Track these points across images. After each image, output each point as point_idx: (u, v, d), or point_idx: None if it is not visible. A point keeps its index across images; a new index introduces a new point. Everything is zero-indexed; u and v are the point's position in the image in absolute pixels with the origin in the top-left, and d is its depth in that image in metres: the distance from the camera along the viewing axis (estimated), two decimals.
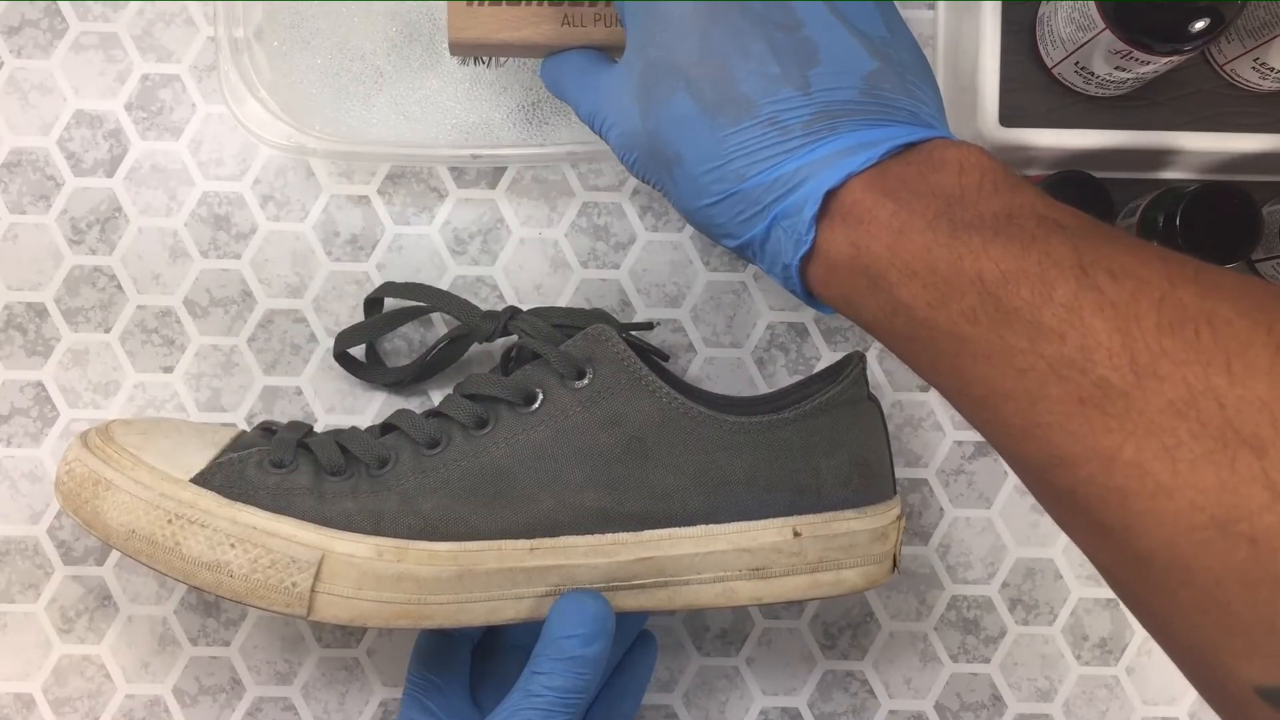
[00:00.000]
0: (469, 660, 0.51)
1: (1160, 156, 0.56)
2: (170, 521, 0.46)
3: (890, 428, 0.57)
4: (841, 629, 0.57)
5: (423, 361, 0.55)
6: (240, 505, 0.46)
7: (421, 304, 0.55)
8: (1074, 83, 0.54)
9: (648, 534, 0.48)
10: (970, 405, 0.33)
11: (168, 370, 0.57)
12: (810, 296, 0.39)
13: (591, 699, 0.48)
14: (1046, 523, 0.58)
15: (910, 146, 0.36)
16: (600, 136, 0.42)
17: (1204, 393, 0.27)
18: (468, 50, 0.43)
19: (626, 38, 0.40)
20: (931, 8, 0.59)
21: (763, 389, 0.58)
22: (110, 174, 0.58)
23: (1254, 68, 0.53)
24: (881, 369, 0.58)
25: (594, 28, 0.43)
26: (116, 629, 0.56)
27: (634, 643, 0.52)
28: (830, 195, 0.35)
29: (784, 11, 0.36)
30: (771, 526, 0.48)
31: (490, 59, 0.47)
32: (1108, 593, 0.58)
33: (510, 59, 0.45)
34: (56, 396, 0.57)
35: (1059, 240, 0.31)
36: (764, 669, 0.57)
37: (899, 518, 0.51)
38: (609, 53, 0.44)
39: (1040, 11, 0.54)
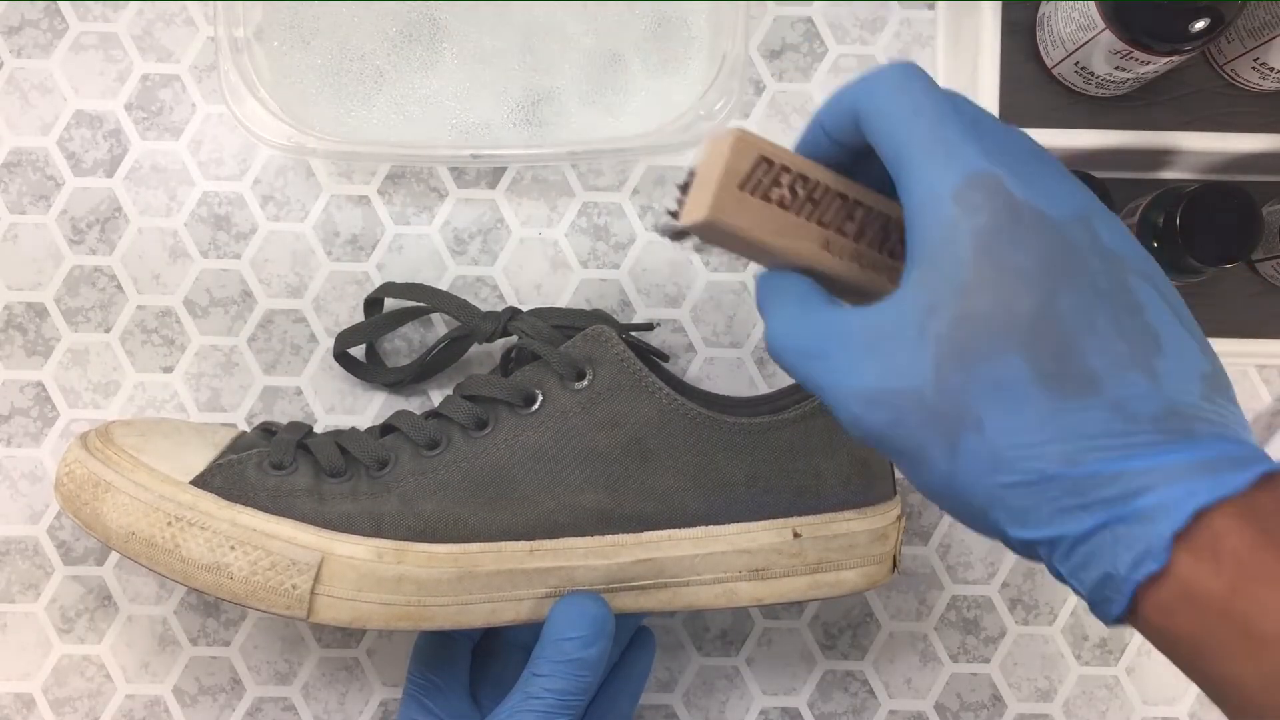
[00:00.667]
0: (469, 661, 0.51)
1: (1160, 156, 0.56)
2: (170, 523, 0.46)
3: None
4: (841, 629, 0.57)
5: (423, 362, 0.55)
6: (240, 507, 0.46)
7: (421, 304, 0.55)
8: (1074, 83, 0.54)
9: (647, 535, 0.48)
10: None
11: (168, 370, 0.57)
12: (1121, 618, 0.33)
13: (591, 698, 0.48)
14: None
15: (1272, 476, 0.32)
16: (808, 380, 0.36)
17: None
18: (713, 233, 0.38)
19: (923, 278, 0.34)
20: (931, 8, 0.59)
21: (763, 389, 0.58)
22: (110, 174, 0.58)
23: (1254, 68, 0.53)
24: None
25: (848, 263, 0.39)
26: (116, 629, 0.56)
27: (632, 640, 0.52)
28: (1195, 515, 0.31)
29: (1124, 291, 0.33)
30: (771, 527, 0.48)
31: (716, 247, 0.43)
32: None
33: (734, 253, 0.42)
34: (56, 396, 0.57)
35: None
36: (764, 669, 0.57)
37: (899, 518, 0.51)
38: (838, 290, 0.39)
39: (1040, 11, 0.54)
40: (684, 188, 0.39)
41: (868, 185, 0.38)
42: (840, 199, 0.38)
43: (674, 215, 0.39)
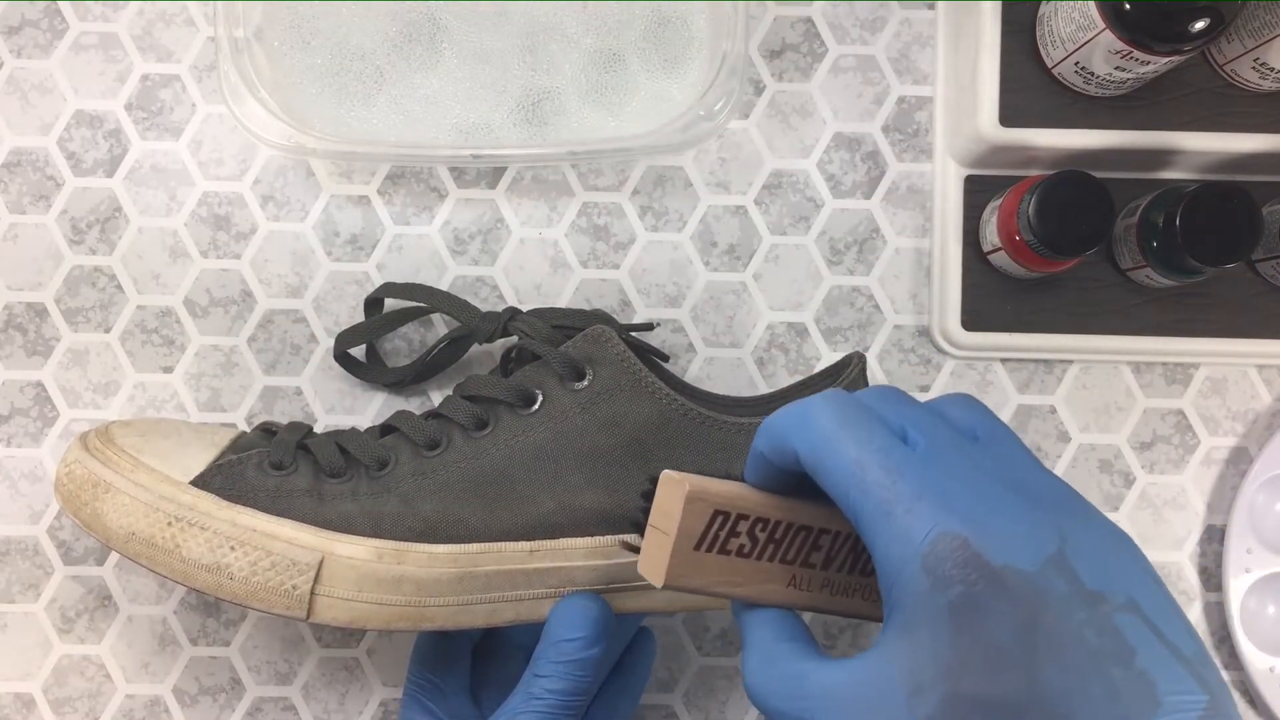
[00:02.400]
0: (469, 661, 0.51)
1: (1160, 156, 0.56)
2: (170, 524, 0.46)
3: None
4: (841, 627, 0.57)
5: (423, 362, 0.55)
6: (240, 507, 0.46)
7: (421, 304, 0.55)
8: (1074, 83, 0.54)
9: None
10: None
11: (168, 370, 0.57)
12: None
13: (591, 699, 0.48)
14: None
15: None
16: None
17: None
18: (678, 589, 0.38)
19: (905, 648, 0.33)
20: (931, 8, 0.59)
21: (763, 389, 0.58)
22: (110, 174, 0.58)
23: (1254, 68, 0.53)
24: (881, 369, 0.58)
25: (817, 594, 0.38)
26: (116, 629, 0.56)
27: (633, 641, 0.52)
28: None
29: (1115, 640, 0.32)
30: None
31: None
32: None
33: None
34: (56, 396, 0.57)
35: None
36: None
37: None
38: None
39: (1040, 11, 0.54)
40: (638, 526, 0.38)
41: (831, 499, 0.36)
42: (804, 532, 0.37)
43: (633, 549, 0.39)
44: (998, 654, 0.32)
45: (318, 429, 0.56)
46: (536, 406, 0.48)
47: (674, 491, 0.36)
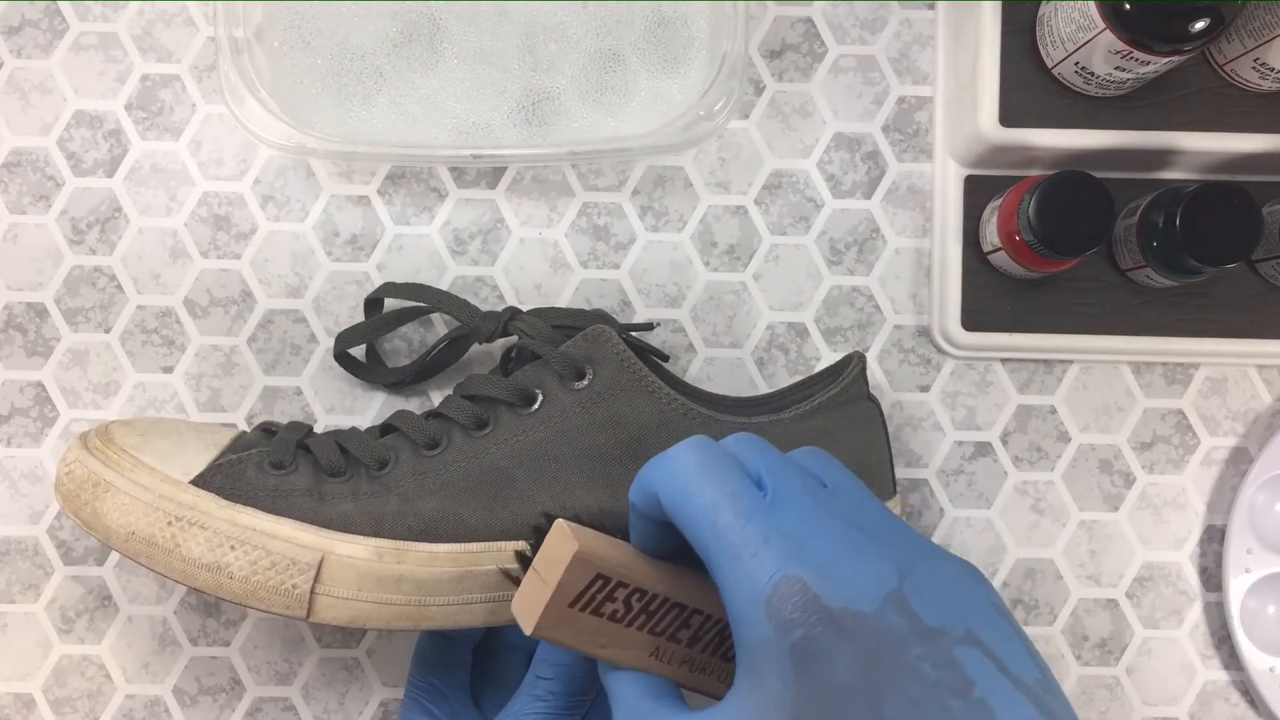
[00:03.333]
0: (469, 663, 0.51)
1: (1160, 156, 0.56)
2: (170, 523, 0.46)
3: (890, 428, 0.57)
4: None
5: (423, 362, 0.55)
6: (240, 507, 0.46)
7: (421, 304, 0.55)
8: (1074, 83, 0.54)
9: None
10: None
11: (168, 370, 0.57)
12: None
13: (594, 699, 0.48)
14: (1046, 523, 0.58)
15: None
16: None
17: None
18: (544, 639, 0.39)
19: (752, 693, 0.34)
20: (931, 8, 0.59)
21: (763, 389, 0.58)
22: (110, 174, 0.58)
23: (1254, 68, 0.53)
24: (881, 369, 0.58)
25: (677, 668, 0.39)
26: (116, 629, 0.56)
27: None
28: None
29: (954, 673, 0.33)
30: None
31: None
32: (1108, 593, 0.58)
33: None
34: (56, 396, 0.57)
35: None
36: None
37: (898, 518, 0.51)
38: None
39: (1040, 11, 0.54)
40: (522, 558, 0.39)
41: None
42: (677, 609, 0.38)
43: (512, 579, 0.40)
44: (840, 694, 0.33)
45: (318, 429, 0.56)
46: (536, 406, 0.48)
47: (563, 545, 0.37)
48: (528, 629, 0.38)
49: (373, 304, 0.56)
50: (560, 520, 0.38)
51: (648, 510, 0.37)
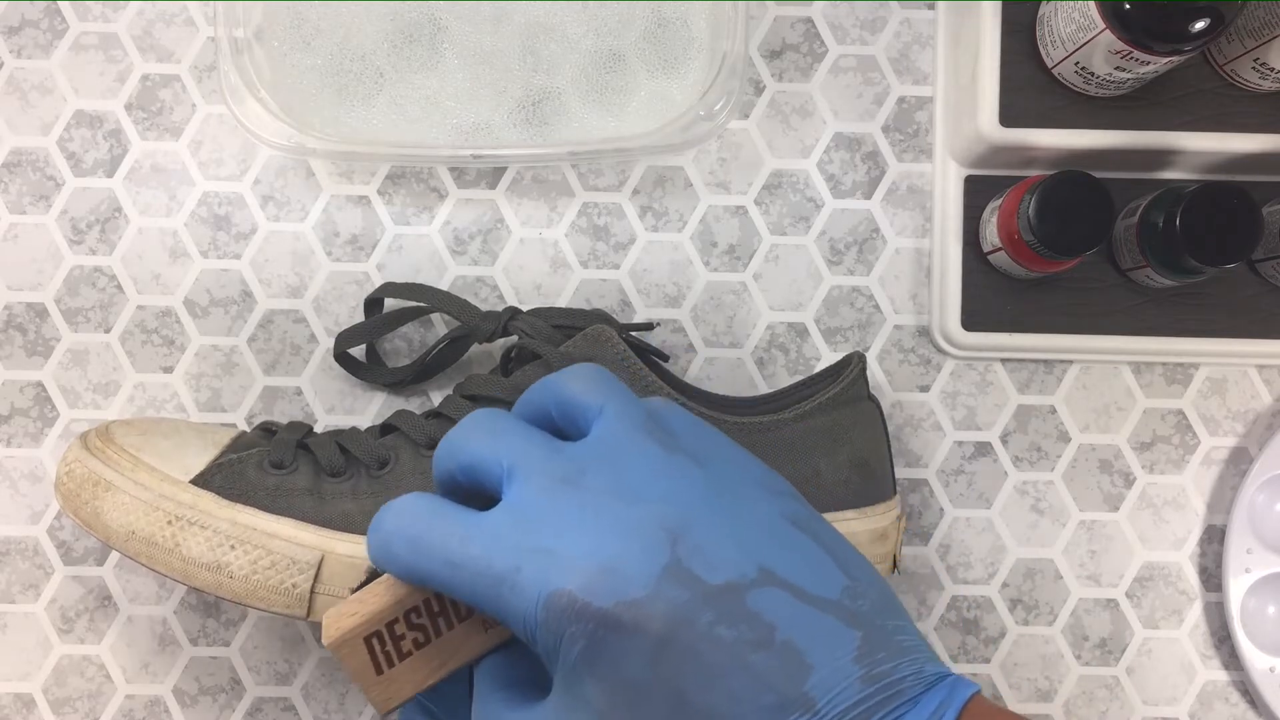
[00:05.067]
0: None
1: (1160, 156, 0.56)
2: (170, 523, 0.46)
3: (890, 428, 0.57)
4: None
5: (423, 362, 0.55)
6: (240, 506, 0.46)
7: (421, 304, 0.55)
8: (1074, 83, 0.54)
9: None
10: None
11: (168, 370, 0.57)
12: None
13: None
14: (1046, 523, 0.58)
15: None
16: None
17: None
18: (399, 707, 0.38)
19: (563, 702, 0.34)
20: (931, 8, 0.59)
21: (763, 389, 0.58)
22: (110, 174, 0.58)
23: (1254, 68, 0.53)
24: (881, 369, 0.58)
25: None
26: (116, 629, 0.56)
27: None
28: None
29: (751, 625, 0.32)
30: None
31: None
32: (1108, 593, 0.58)
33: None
34: (56, 396, 0.57)
35: None
36: None
37: (899, 518, 0.51)
38: None
39: (1040, 11, 0.54)
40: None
41: None
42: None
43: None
44: (639, 691, 0.32)
45: (318, 429, 0.56)
46: None
47: (333, 639, 0.36)
48: (380, 714, 0.37)
49: (373, 304, 0.56)
50: (325, 617, 0.37)
51: (387, 568, 0.36)
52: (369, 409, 0.57)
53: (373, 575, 0.38)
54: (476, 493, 0.36)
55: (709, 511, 0.34)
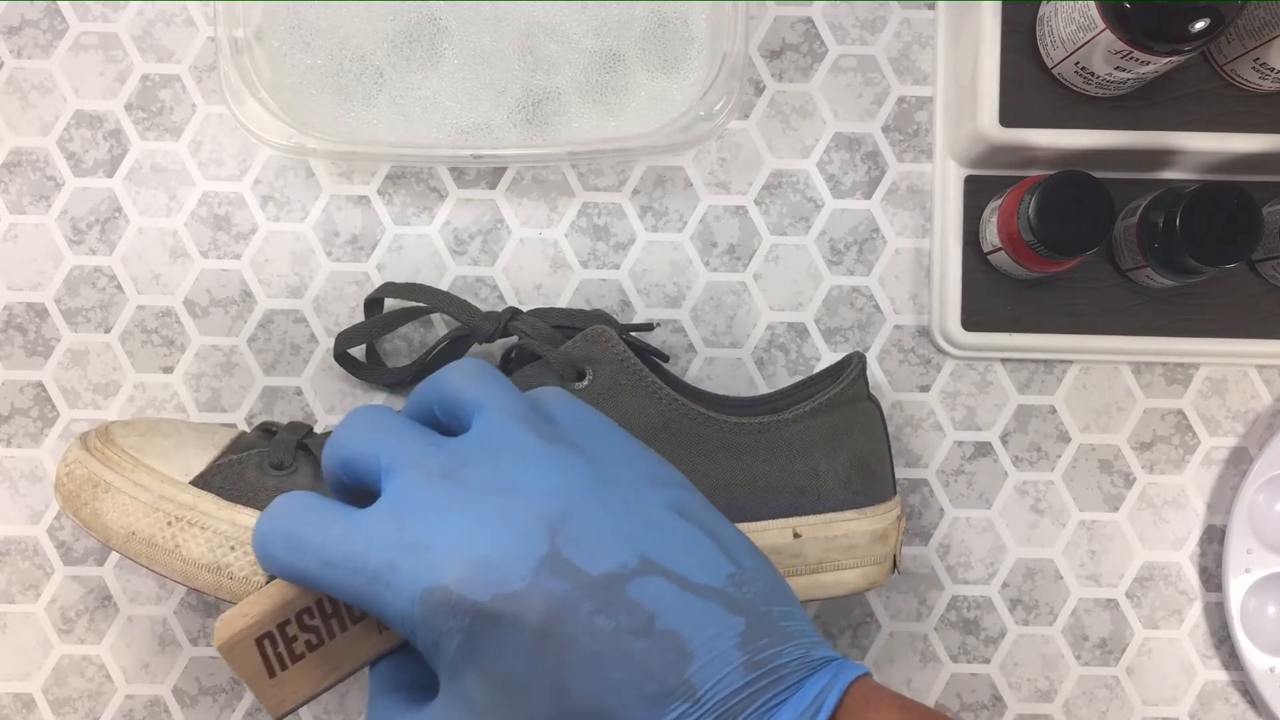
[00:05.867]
0: None
1: (1160, 156, 0.56)
2: (170, 524, 0.46)
3: (890, 428, 0.57)
4: (841, 629, 0.57)
5: (423, 362, 0.55)
6: (240, 507, 0.46)
7: (421, 304, 0.55)
8: (1074, 83, 0.54)
9: None
10: None
11: (168, 370, 0.57)
12: None
13: None
14: (1046, 523, 0.58)
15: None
16: None
17: None
18: (293, 710, 0.37)
19: (448, 697, 0.33)
20: (931, 8, 0.59)
21: (763, 389, 0.58)
22: (110, 174, 0.58)
23: (1254, 68, 0.53)
24: (881, 369, 0.58)
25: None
26: (116, 629, 0.56)
27: None
28: None
29: (631, 614, 0.32)
30: (771, 527, 0.48)
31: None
32: (1108, 593, 0.58)
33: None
34: (56, 396, 0.57)
35: None
36: None
37: (899, 518, 0.51)
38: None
39: (1040, 11, 0.54)
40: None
41: None
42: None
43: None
44: (518, 684, 0.32)
45: (318, 429, 0.56)
46: None
47: (223, 642, 0.36)
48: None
49: (373, 304, 0.56)
50: (217, 623, 0.37)
51: (276, 572, 0.36)
52: None
53: (273, 576, 0.37)
54: (364, 491, 0.36)
55: (589, 502, 0.33)
